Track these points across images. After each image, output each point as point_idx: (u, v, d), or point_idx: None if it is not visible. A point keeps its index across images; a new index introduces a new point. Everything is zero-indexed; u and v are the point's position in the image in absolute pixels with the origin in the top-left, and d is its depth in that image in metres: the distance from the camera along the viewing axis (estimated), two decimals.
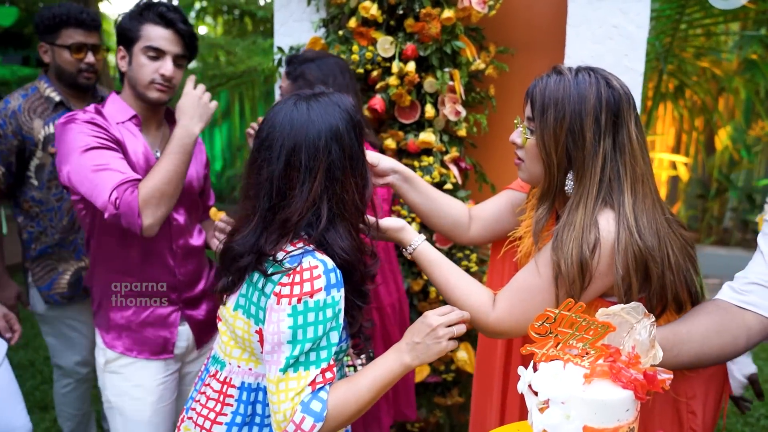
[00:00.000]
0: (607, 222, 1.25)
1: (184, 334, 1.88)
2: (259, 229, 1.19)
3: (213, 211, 2.07)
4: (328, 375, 1.16)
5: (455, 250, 2.27)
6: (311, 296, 1.12)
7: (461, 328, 1.21)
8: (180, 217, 1.85)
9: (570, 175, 1.30)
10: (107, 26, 9.95)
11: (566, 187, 1.31)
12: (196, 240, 1.91)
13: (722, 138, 5.84)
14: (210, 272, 2.02)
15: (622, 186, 1.28)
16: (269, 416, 1.23)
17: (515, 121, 1.39)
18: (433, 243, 2.24)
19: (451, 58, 2.11)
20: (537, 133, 1.29)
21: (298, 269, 1.13)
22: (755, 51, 5.32)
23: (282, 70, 2.42)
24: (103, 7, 8.96)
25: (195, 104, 1.70)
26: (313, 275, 1.13)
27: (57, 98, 2.20)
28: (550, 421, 0.92)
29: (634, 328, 0.99)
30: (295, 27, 2.42)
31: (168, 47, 1.72)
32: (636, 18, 1.99)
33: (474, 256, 2.26)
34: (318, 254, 1.16)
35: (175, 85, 1.77)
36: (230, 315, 1.25)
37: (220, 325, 1.31)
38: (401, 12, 2.07)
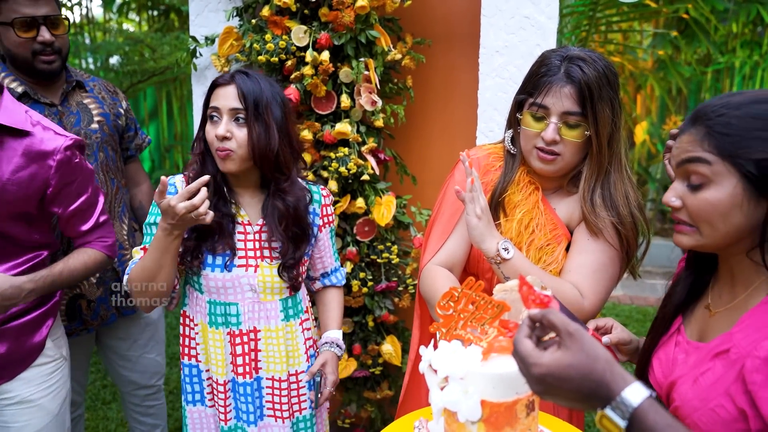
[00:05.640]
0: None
1: None
2: None
3: None
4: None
5: (377, 242, 2.25)
6: None
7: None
8: None
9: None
10: None
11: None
12: None
13: (641, 133, 6.11)
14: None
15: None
16: None
17: (533, 121, 1.39)
18: (354, 236, 2.22)
19: (367, 48, 2.09)
20: (591, 122, 1.33)
21: None
22: (666, 51, 5.60)
23: (196, 61, 2.35)
24: None
25: None
26: None
27: (19, 89, 1.82)
28: (450, 398, 0.92)
29: None
30: (211, 17, 2.34)
31: None
32: (546, 9, 2.03)
33: (395, 248, 2.25)
34: None
35: None
36: None
37: None
38: (315, 1, 2.04)
